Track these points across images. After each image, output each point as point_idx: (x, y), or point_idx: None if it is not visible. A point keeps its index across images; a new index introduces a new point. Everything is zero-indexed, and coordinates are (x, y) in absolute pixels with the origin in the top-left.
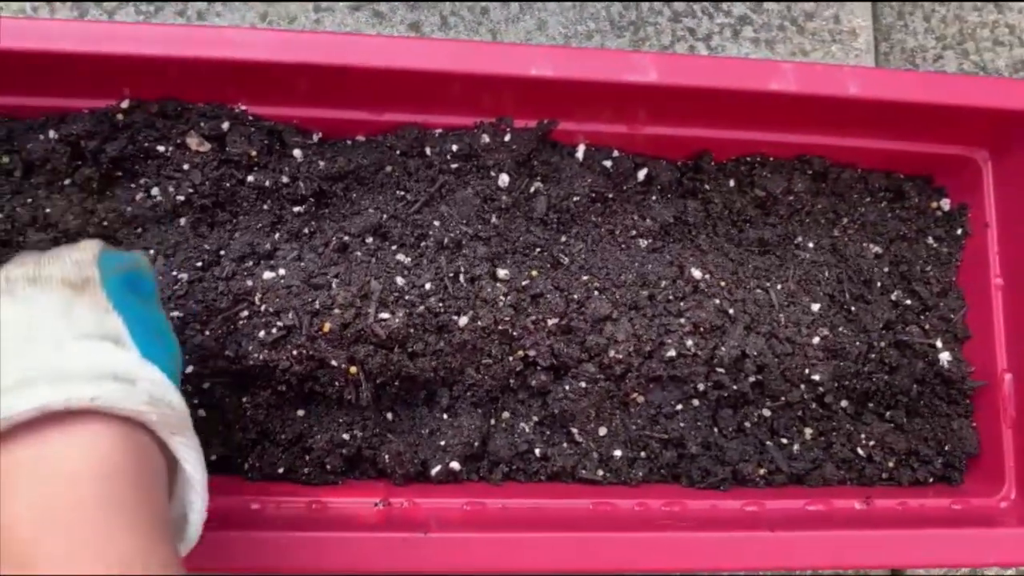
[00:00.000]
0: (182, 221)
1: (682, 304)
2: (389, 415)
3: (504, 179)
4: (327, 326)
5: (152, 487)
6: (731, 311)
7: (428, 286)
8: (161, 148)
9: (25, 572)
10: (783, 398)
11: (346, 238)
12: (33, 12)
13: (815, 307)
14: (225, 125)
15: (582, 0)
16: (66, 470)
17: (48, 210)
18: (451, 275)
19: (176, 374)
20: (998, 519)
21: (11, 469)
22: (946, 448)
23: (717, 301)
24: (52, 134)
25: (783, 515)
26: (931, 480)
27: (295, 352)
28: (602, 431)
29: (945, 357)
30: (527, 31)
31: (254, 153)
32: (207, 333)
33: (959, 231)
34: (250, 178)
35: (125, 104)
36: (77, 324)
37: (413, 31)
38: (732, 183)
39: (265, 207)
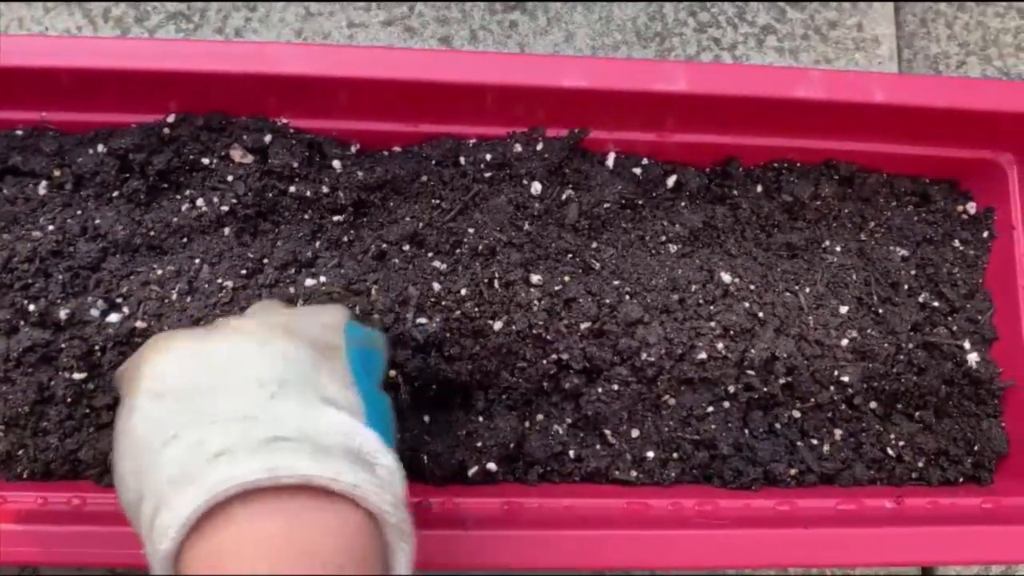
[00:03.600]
0: (226, 231)
1: (712, 308)
2: (426, 418)
3: (536, 187)
4: None
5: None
6: (760, 314)
7: (464, 292)
8: (206, 161)
9: None
10: (813, 399)
11: (384, 246)
12: (78, 31)
13: (843, 309)
14: (267, 138)
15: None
16: (317, 552)
17: (97, 221)
18: (486, 281)
19: None
20: None
21: (262, 536)
22: (975, 448)
23: (747, 304)
24: (101, 148)
25: (815, 514)
26: (961, 480)
27: None
28: (634, 433)
29: (973, 358)
30: (555, 44)
31: (295, 165)
32: None
33: (985, 234)
34: (291, 189)
35: (171, 119)
36: (323, 389)
37: (443, 45)
38: (760, 188)
39: (306, 216)
